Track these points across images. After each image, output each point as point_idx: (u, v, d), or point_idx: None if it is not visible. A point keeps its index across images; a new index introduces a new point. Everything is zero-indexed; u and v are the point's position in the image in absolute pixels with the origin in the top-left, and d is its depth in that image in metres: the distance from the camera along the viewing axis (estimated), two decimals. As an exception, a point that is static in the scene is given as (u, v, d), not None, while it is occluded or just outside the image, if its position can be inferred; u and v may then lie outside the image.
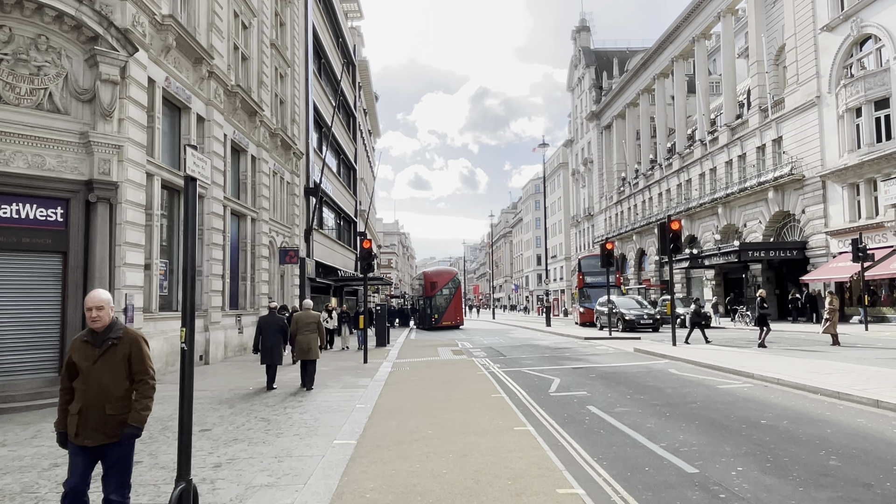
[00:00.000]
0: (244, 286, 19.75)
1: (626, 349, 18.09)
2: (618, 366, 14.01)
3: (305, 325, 11.93)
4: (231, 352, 18.14)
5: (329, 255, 33.40)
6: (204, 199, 16.40)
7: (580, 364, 14.68)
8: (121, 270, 12.09)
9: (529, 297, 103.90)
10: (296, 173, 25.57)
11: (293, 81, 25.51)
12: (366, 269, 16.18)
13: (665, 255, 17.02)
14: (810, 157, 30.66)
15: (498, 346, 21.20)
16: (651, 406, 8.89)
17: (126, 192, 12.25)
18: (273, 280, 22.96)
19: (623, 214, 59.00)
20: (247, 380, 13.20)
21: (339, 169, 38.95)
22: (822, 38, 29.76)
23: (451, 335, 30.98)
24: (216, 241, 16.78)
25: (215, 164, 16.78)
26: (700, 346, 17.31)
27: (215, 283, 16.68)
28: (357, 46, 46.83)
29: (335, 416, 8.77)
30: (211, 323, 16.40)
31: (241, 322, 19.10)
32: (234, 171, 19.55)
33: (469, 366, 15.00)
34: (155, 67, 13.79)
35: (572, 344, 21.39)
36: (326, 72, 34.51)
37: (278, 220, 23.34)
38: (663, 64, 49.25)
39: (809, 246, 30.85)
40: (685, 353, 15.00)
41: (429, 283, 39.33)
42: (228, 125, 18.11)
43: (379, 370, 14.57)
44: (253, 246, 20.41)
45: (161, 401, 10.62)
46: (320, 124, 31.65)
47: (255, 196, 20.59)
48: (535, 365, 14.74)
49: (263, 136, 21.10)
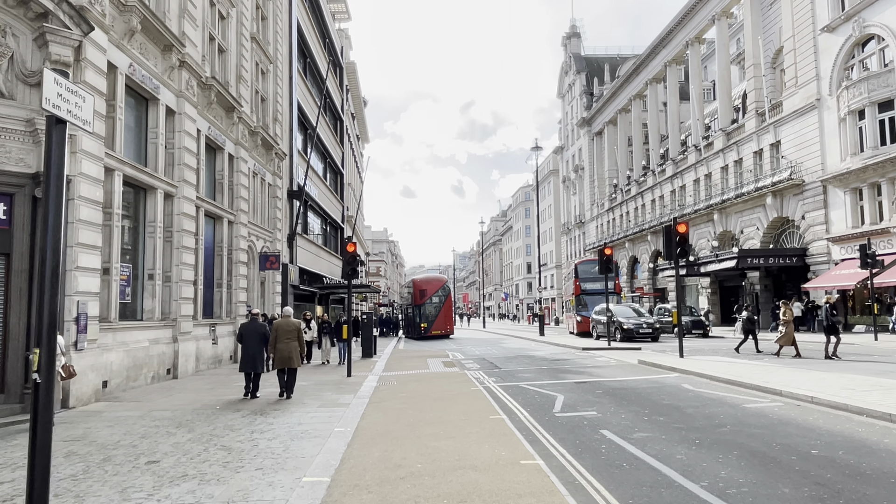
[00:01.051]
0: (220, 293, 18.41)
1: (628, 361, 16.93)
2: (624, 380, 12.84)
3: (286, 333, 11.64)
4: (204, 364, 16.78)
5: (314, 261, 32.08)
6: (173, 199, 15.09)
7: (583, 378, 13.49)
8: (73, 275, 10.77)
9: (520, 305, 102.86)
10: (278, 175, 24.29)
11: (276, 79, 24.28)
12: (350, 275, 14.93)
13: (671, 260, 15.90)
14: (810, 161, 29.83)
15: (491, 358, 19.98)
16: (675, 430, 7.71)
17: (80, 188, 10.95)
18: (252, 287, 21.62)
19: (615, 221, 58.12)
20: (216, 396, 11.88)
21: (326, 173, 37.69)
22: (822, 39, 29.01)
23: (441, 345, 29.70)
24: (187, 245, 15.46)
25: (187, 161, 15.50)
26: (710, 358, 16.19)
27: (186, 290, 15.35)
28: (345, 48, 45.72)
29: (308, 444, 7.51)
30: (180, 333, 15.05)
31: (215, 332, 17.75)
32: (210, 170, 18.26)
33: (462, 380, 13.76)
34: (117, 52, 12.52)
35: (570, 355, 20.21)
36: (312, 72, 33.32)
37: (258, 224, 22.04)
38: (656, 69, 48.53)
39: (810, 253, 29.96)
40: (696, 366, 13.86)
41: (418, 290, 38.06)
42: (203, 120, 16.85)
43: (363, 385, 13.30)
44: (230, 250, 19.10)
45: (113, 423, 9.32)
46: (305, 125, 30.43)
47: (232, 197, 19.30)
48: (533, 379, 13.53)
49: (242, 134, 19.84)
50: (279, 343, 11.55)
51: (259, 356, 11.63)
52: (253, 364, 11.54)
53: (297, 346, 11.68)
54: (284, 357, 11.42)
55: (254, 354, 11.59)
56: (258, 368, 11.61)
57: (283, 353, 11.44)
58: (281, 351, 11.46)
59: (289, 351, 11.45)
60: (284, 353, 11.43)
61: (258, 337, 11.74)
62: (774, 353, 17.13)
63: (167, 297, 14.91)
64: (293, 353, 11.47)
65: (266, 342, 11.80)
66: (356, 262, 14.99)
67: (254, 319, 12.18)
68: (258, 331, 11.83)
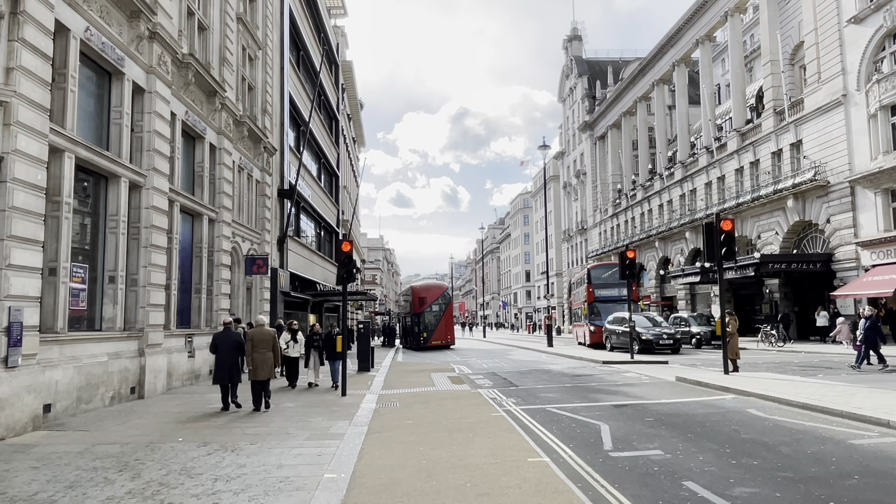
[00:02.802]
0: (198, 300, 16.34)
1: (662, 377, 14.91)
2: (672, 403, 10.82)
3: (261, 343, 11.27)
4: (178, 380, 14.68)
5: (307, 267, 30.02)
6: (141, 190, 13.06)
7: (619, 399, 11.46)
8: (3, 274, 8.71)
9: (518, 314, 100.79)
10: (267, 171, 22.27)
11: (265, 67, 22.32)
12: (345, 279, 12.89)
13: (713, 262, 13.95)
14: (836, 161, 27.99)
15: (503, 373, 17.93)
16: (788, 483, 5.70)
17: (14, 168, 8.91)
18: (237, 293, 19.55)
19: (619, 228, 56.26)
20: (184, 421, 9.81)
21: (320, 174, 35.68)
22: (848, 31, 27.25)
23: (443, 357, 27.64)
24: (158, 243, 13.41)
25: (158, 147, 13.48)
26: (759, 375, 14.15)
27: (156, 296, 13.28)
28: (340, 46, 43.87)
29: (287, 503, 5.46)
30: (148, 346, 12.96)
31: (192, 344, 15.66)
32: (188, 161, 16.24)
33: (476, 401, 11.71)
34: (69, 11, 10.52)
35: (591, 369, 18.16)
36: (306, 65, 31.40)
37: (245, 224, 19.99)
38: (663, 69, 46.86)
39: (836, 258, 28.06)
40: (754, 386, 11.84)
41: (417, 298, 35.98)
42: (179, 103, 14.84)
43: (360, 407, 11.25)
44: (211, 252, 17.04)
45: (42, 462, 7.24)
46: (298, 122, 28.45)
47: (214, 193, 17.27)
48: (561, 401, 11.50)
49: (226, 123, 17.84)
50: (254, 353, 11.15)
51: (234, 367, 11.27)
52: (229, 375, 11.18)
53: (272, 356, 11.29)
54: (258, 368, 11.05)
55: (229, 365, 11.19)
56: (234, 379, 11.30)
57: (256, 363, 11.05)
58: (256, 361, 11.07)
59: (263, 361, 11.07)
60: (258, 364, 11.05)
61: (233, 346, 11.36)
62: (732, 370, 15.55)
63: (133, 304, 12.85)
64: (267, 364, 11.10)
65: (242, 351, 11.45)
66: (352, 265, 12.96)
67: (227, 328, 11.67)
68: (233, 340, 11.42)
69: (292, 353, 14.54)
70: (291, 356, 14.56)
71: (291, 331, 14.71)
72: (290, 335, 14.58)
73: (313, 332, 15.44)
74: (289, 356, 14.48)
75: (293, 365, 14.73)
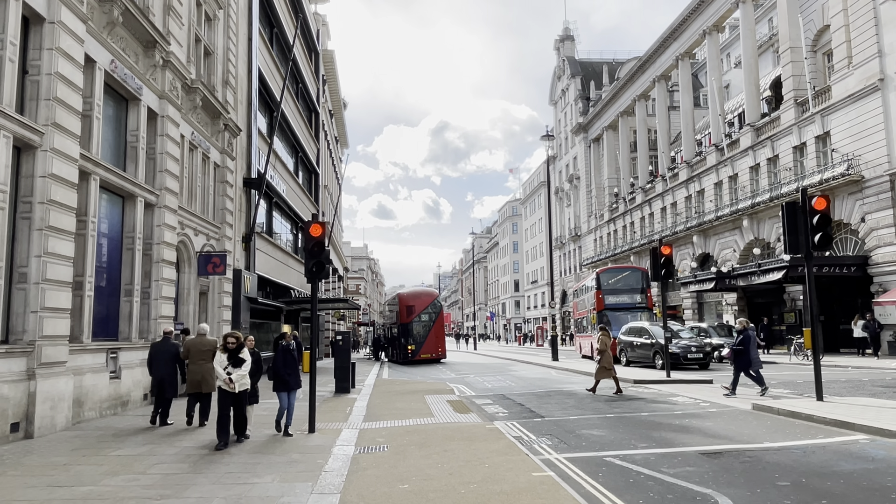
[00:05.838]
0: (129, 305, 12.76)
1: (726, 403, 11.60)
2: (786, 449, 7.45)
3: (199, 354, 10.02)
4: (94, 410, 11.10)
5: (281, 271, 26.46)
6: (35, 153, 9.56)
7: (701, 441, 8.11)
8: None
9: (507, 325, 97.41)
10: (229, 154, 18.78)
11: (227, 31, 18.90)
12: (314, 273, 9.44)
13: (798, 253, 10.74)
14: (871, 153, 25.17)
15: (514, 395, 14.51)
16: None
17: None
18: (187, 298, 15.98)
19: (617, 233, 53.31)
20: (62, 488, 6.29)
21: (298, 169, 32.20)
22: (885, 8, 24.53)
23: (435, 372, 24.16)
24: (60, 226, 9.89)
25: (62, 96, 9.98)
26: (866, 402, 10.86)
27: (57, 297, 9.75)
28: (321, 34, 40.56)
29: None
30: (42, 365, 9.40)
31: (118, 361, 12.09)
32: (115, 127, 12.74)
33: (497, 444, 8.28)
34: None
35: (626, 392, 14.76)
36: (280, 45, 28.04)
37: (198, 214, 16.47)
38: (665, 64, 44.17)
39: (873, 261, 25.18)
40: (877, 419, 8.56)
41: (404, 307, 32.47)
42: (97, 45, 11.38)
43: (332, 454, 7.81)
44: (148, 244, 13.50)
45: None
46: (271, 106, 25.00)
47: (153, 170, 13.75)
48: (617, 443, 8.12)
49: (171, 86, 14.36)
50: (191, 364, 10.10)
51: (168, 379, 10.48)
52: (161, 388, 10.41)
53: (212, 367, 9.06)
54: (195, 381, 9.99)
55: (162, 377, 10.42)
56: (167, 393, 10.43)
57: (194, 375, 9.99)
58: (192, 373, 10.01)
59: (201, 373, 9.87)
60: (196, 376, 9.97)
61: (169, 357, 10.56)
62: (589, 389, 14.38)
63: (19, 308, 9.31)
64: (206, 376, 9.75)
65: (179, 363, 10.57)
66: (323, 254, 9.53)
67: (166, 339, 10.89)
68: (169, 351, 10.61)
69: (235, 384, 8.32)
70: (232, 391, 8.35)
71: (227, 349, 8.44)
72: (226, 356, 8.41)
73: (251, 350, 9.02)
74: (228, 389, 8.36)
75: (238, 404, 8.59)
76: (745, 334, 12.80)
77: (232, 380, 8.31)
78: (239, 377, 8.40)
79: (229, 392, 8.35)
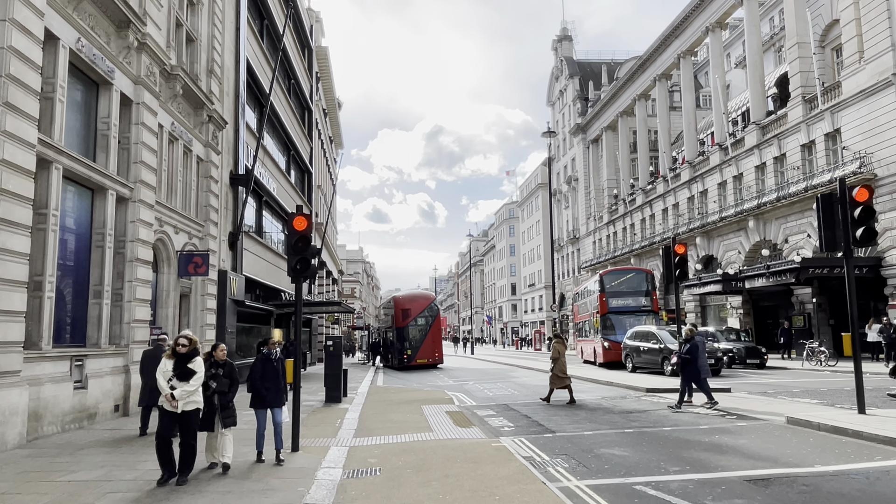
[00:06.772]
0: (98, 308, 11.64)
1: (759, 416, 10.54)
2: (845, 474, 6.37)
3: None
4: (56, 424, 9.98)
5: (271, 273, 25.35)
6: (-17, 134, 8.47)
7: (743, 465, 7.06)
8: None
9: (504, 328, 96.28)
10: (213, 147, 17.68)
11: (213, 18, 17.84)
12: (299, 271, 8.38)
13: (835, 250, 9.72)
14: (885, 150, 24.27)
15: (519, 405, 13.43)
16: None
17: None
18: (165, 301, 14.86)
19: (616, 235, 52.36)
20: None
21: (290, 168, 31.10)
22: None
23: (432, 379, 23.07)
24: (14, 219, 8.80)
25: (16, 72, 8.90)
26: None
27: (5, 298, 8.64)
28: (315, 30, 39.51)
29: None
30: (-11, 376, 8.30)
31: (84, 369, 10.96)
32: (84, 113, 11.65)
33: (507, 468, 7.20)
34: None
35: (637, 401, 13.63)
36: (271, 37, 26.98)
37: (178, 210, 15.36)
38: (667, 62, 43.28)
39: (887, 262, 24.27)
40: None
41: (400, 310, 31.36)
42: (62, 21, 10.31)
43: (316, 481, 6.73)
44: (121, 242, 12.40)
45: None
46: (261, 101, 23.92)
47: (126, 161, 12.66)
48: (643, 466, 7.07)
49: (148, 72, 13.27)
50: None
51: None
52: (152, 396, 9.20)
53: None
54: None
55: (153, 387, 8.30)
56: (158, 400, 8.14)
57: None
58: None
59: None
60: None
61: None
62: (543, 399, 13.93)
63: (-37, 311, 8.21)
64: None
65: None
66: (309, 250, 8.47)
67: (159, 346, 10.14)
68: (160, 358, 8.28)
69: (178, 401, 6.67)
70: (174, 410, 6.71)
71: (178, 355, 6.84)
72: (173, 364, 6.82)
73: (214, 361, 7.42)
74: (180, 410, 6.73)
75: (185, 428, 6.82)
76: (693, 342, 12.30)
77: (174, 396, 6.61)
78: (184, 394, 6.66)
79: (172, 413, 6.69)
